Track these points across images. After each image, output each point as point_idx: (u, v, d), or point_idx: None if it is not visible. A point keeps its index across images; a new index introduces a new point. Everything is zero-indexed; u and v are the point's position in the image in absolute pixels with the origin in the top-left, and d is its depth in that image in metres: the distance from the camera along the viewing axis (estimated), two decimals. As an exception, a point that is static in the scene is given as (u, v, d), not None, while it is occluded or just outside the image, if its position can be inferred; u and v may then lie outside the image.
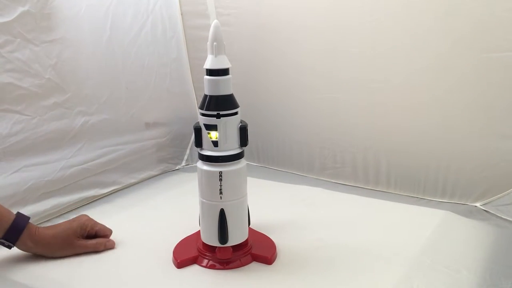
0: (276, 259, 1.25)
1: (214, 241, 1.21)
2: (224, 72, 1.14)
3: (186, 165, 2.11)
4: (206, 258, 1.23)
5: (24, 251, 1.25)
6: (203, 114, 1.16)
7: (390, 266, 1.21)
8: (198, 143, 1.19)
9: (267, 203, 1.61)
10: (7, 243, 1.19)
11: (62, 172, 1.59)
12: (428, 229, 1.41)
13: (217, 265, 1.21)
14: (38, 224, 1.48)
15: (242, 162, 1.20)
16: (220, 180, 1.16)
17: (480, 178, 1.60)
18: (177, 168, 2.08)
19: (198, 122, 1.19)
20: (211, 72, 1.14)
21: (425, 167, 1.69)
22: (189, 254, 1.25)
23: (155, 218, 1.54)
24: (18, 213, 1.23)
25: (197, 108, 2.10)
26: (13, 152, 1.45)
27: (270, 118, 2.02)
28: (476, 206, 1.62)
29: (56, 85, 1.57)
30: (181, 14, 2.05)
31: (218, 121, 1.14)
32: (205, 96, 1.16)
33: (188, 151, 2.13)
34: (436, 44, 1.57)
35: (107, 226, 1.36)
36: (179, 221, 1.48)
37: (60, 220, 1.53)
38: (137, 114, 1.90)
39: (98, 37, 1.72)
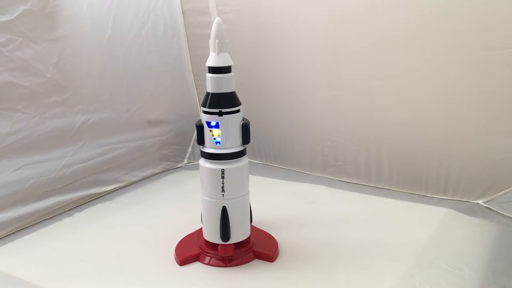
0: (278, 257, 1.25)
1: (216, 239, 1.21)
2: (226, 69, 1.14)
3: (188, 163, 2.11)
4: (208, 256, 1.23)
5: None
6: (205, 112, 1.16)
7: (392, 263, 1.21)
8: (200, 140, 1.19)
9: (269, 200, 1.61)
10: None
11: (64, 170, 1.59)
12: (430, 226, 1.40)
13: (219, 263, 1.22)
14: (39, 222, 1.49)
15: (244, 160, 1.20)
16: (222, 177, 1.16)
17: (482, 175, 1.60)
18: (179, 166, 2.08)
19: (200, 119, 1.19)
20: (213, 70, 1.14)
21: (427, 164, 1.68)
22: (191, 251, 1.25)
23: (157, 215, 1.54)
24: None
25: (198, 106, 2.12)
26: (14, 150, 1.45)
27: (272, 116, 2.02)
28: (478, 203, 1.62)
29: (57, 83, 1.56)
30: (182, 12, 2.05)
31: (220, 119, 1.14)
32: (207, 93, 1.16)
33: (190, 149, 2.13)
34: (437, 41, 1.57)
35: (109, 224, 1.36)
36: (181, 218, 1.48)
37: (61, 219, 1.54)
38: (138, 112, 1.90)
39: (100, 35, 1.72)
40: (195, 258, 1.24)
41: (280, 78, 1.96)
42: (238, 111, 1.17)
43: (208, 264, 1.22)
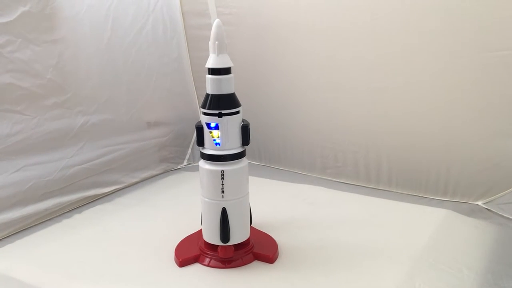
0: (278, 258, 1.25)
1: (216, 240, 1.21)
2: (226, 71, 1.14)
3: (187, 164, 2.11)
4: (208, 257, 1.23)
5: None
6: (205, 113, 1.16)
7: (392, 265, 1.21)
8: (200, 142, 1.19)
9: (269, 202, 1.61)
10: None
11: (63, 171, 1.59)
12: (430, 228, 1.40)
13: (219, 264, 1.21)
14: (38, 224, 1.49)
15: (244, 161, 1.20)
16: (222, 179, 1.16)
17: (482, 176, 1.60)
18: (178, 167, 2.08)
19: (200, 121, 1.19)
20: (213, 71, 1.14)
21: (427, 165, 1.68)
22: (191, 253, 1.25)
23: (157, 217, 1.54)
24: None
25: (198, 107, 2.12)
26: (14, 152, 1.45)
27: (271, 117, 2.02)
28: (478, 204, 1.62)
29: (57, 85, 1.56)
30: (182, 14, 2.05)
31: (220, 120, 1.14)
32: (207, 95, 1.16)
33: (189, 150, 2.13)
34: (437, 43, 1.57)
35: (109, 225, 1.36)
36: (181, 220, 1.48)
37: (61, 220, 1.54)
38: (138, 114, 1.90)
39: (99, 37, 1.72)
40: (195, 259, 1.24)
41: (280, 79, 1.96)
42: (237, 112, 1.17)
43: (207, 265, 1.22)
